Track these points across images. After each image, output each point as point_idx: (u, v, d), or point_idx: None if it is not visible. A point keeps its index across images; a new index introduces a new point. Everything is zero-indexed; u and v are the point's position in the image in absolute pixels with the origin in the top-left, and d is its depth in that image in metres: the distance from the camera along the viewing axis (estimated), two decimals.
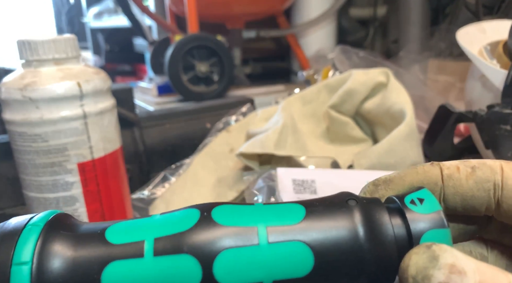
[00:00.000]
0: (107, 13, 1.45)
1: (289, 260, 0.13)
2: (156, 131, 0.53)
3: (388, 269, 0.14)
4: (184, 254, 0.13)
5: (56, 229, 0.14)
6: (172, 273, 0.13)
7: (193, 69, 0.88)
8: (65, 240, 0.14)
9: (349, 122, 0.50)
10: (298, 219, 0.14)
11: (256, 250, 0.13)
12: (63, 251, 0.14)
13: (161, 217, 0.15)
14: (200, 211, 0.14)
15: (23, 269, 0.13)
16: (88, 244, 0.14)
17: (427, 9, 0.96)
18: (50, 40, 0.33)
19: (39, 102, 0.32)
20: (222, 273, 0.13)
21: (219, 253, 0.13)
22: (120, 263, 0.13)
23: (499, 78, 0.41)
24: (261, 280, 0.14)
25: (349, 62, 0.68)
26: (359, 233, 0.14)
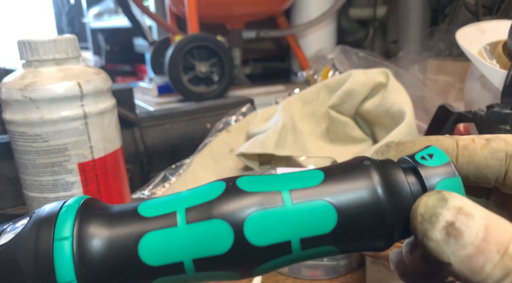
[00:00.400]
0: (107, 13, 1.45)
1: (313, 218, 0.14)
2: (156, 131, 0.53)
3: (406, 220, 0.14)
4: (216, 219, 0.14)
5: (91, 209, 0.15)
6: (205, 237, 0.14)
7: (193, 70, 0.88)
8: (100, 218, 0.15)
9: (348, 123, 0.51)
10: (318, 181, 0.15)
11: (282, 211, 0.14)
12: (100, 227, 0.14)
13: (189, 191, 0.16)
14: (225, 182, 0.15)
15: (65, 244, 0.14)
16: (122, 219, 0.15)
17: (427, 10, 0.96)
18: (51, 40, 0.33)
19: (39, 102, 0.32)
20: (253, 234, 0.14)
21: (248, 215, 0.14)
22: (155, 233, 0.14)
23: (498, 79, 0.42)
24: (289, 239, 0.14)
25: (349, 63, 0.68)
26: (376, 188, 0.14)
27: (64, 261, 0.13)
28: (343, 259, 0.39)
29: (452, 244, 0.13)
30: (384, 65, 0.64)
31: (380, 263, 0.33)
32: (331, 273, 0.40)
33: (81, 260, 0.14)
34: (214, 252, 0.14)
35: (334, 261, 0.39)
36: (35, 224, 0.14)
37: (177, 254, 0.14)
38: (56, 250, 0.14)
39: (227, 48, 0.92)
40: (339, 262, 0.39)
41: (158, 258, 0.14)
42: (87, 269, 0.14)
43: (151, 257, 0.14)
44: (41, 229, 0.14)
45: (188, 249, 0.14)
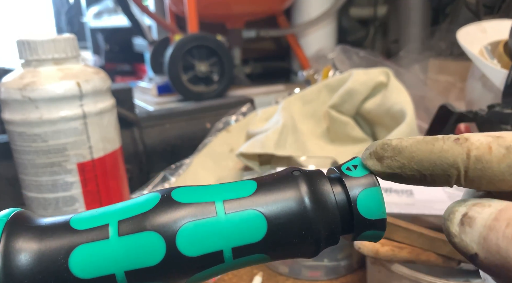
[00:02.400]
0: (106, 12, 1.45)
1: (244, 227, 0.15)
2: (156, 131, 0.53)
3: (333, 229, 0.15)
4: (148, 231, 0.14)
5: (20, 224, 0.15)
6: (138, 250, 0.14)
7: (193, 69, 0.88)
8: (29, 233, 0.15)
9: (349, 122, 0.50)
10: (251, 191, 0.15)
11: (215, 221, 0.15)
12: (28, 241, 0.14)
13: (123, 203, 0.16)
14: (160, 194, 0.16)
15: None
16: (53, 234, 0.15)
17: (428, 9, 0.96)
18: (50, 40, 0.33)
19: (38, 102, 0.32)
20: (185, 245, 0.14)
21: (181, 226, 0.14)
22: (86, 246, 0.14)
23: (499, 78, 0.41)
24: (221, 248, 0.15)
25: (349, 62, 0.68)
26: (304, 198, 0.15)
27: None
28: (344, 260, 0.39)
29: (469, 232, 0.13)
30: (384, 65, 0.64)
31: (380, 264, 0.33)
32: (332, 273, 0.39)
33: (7, 275, 0.14)
34: (146, 263, 0.14)
35: (334, 262, 0.39)
36: None
37: (109, 266, 0.14)
38: None
39: (227, 47, 0.91)
40: (340, 262, 0.39)
41: (90, 271, 0.14)
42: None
43: (82, 270, 0.14)
44: None
45: (120, 261, 0.14)
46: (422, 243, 0.31)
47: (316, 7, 1.07)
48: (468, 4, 0.75)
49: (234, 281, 0.40)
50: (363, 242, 0.32)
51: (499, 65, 0.44)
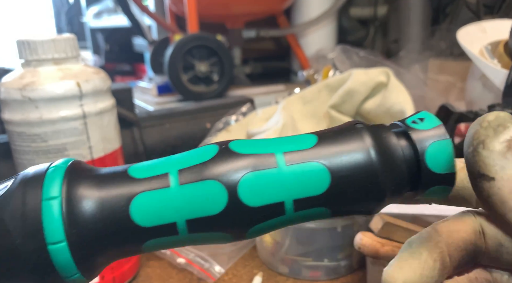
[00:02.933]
0: (106, 12, 1.45)
1: (306, 180, 0.15)
2: (156, 131, 0.53)
3: (399, 184, 0.15)
4: (210, 180, 0.14)
5: (79, 170, 0.15)
6: (199, 198, 0.14)
7: (193, 69, 0.88)
8: (89, 179, 0.15)
9: None
10: (312, 144, 0.15)
11: (276, 172, 0.14)
12: (89, 188, 0.14)
13: (180, 154, 0.15)
14: (218, 145, 0.15)
15: (53, 204, 0.13)
16: (112, 182, 0.14)
17: (428, 9, 0.96)
18: (50, 40, 0.33)
19: (38, 102, 0.32)
20: (247, 195, 0.14)
21: (243, 176, 0.14)
22: (147, 194, 0.14)
23: (499, 78, 0.41)
24: (283, 200, 0.14)
25: (350, 62, 0.68)
26: (369, 150, 0.15)
27: (53, 220, 0.13)
28: (344, 260, 0.39)
29: (508, 159, 0.12)
30: (385, 65, 0.64)
31: (381, 264, 0.33)
32: (332, 274, 0.39)
33: (71, 220, 0.13)
34: (208, 212, 0.14)
35: (334, 262, 0.39)
36: (21, 184, 0.14)
37: (170, 214, 0.14)
38: (44, 209, 0.13)
39: (227, 47, 0.91)
40: (340, 263, 0.39)
41: (151, 219, 0.14)
42: (77, 229, 0.14)
43: (143, 218, 0.14)
44: (28, 189, 0.14)
45: (182, 209, 0.14)
46: None
47: (316, 7, 1.07)
48: (468, 4, 0.75)
49: (234, 281, 0.40)
50: (363, 242, 0.32)
51: (499, 65, 0.44)
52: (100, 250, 0.14)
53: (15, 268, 0.13)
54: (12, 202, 0.13)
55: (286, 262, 0.40)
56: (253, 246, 0.44)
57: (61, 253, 0.13)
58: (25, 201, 0.13)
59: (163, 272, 0.42)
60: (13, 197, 0.14)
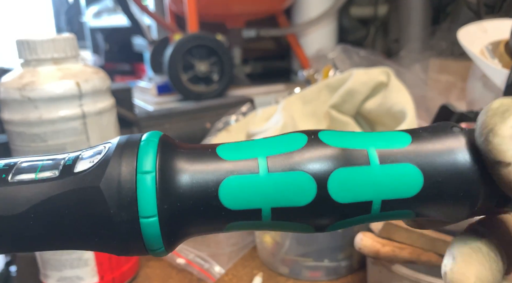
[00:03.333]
0: (106, 12, 1.45)
1: (398, 181, 0.14)
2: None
3: (491, 193, 0.14)
4: (299, 172, 0.14)
5: (170, 146, 0.15)
6: (287, 188, 0.14)
7: (192, 69, 0.88)
8: (181, 155, 0.15)
9: (349, 122, 0.50)
10: (406, 143, 0.15)
11: (368, 170, 0.14)
12: (181, 165, 0.14)
13: (268, 139, 0.15)
14: (306, 134, 0.15)
15: (148, 178, 0.14)
16: (202, 159, 0.15)
17: (428, 8, 0.96)
18: (49, 39, 0.33)
19: (37, 102, 0.32)
20: (336, 190, 0.14)
21: (333, 170, 0.14)
22: (237, 178, 0.14)
23: (500, 78, 0.41)
24: (371, 199, 0.14)
25: (350, 62, 0.68)
26: (465, 156, 0.14)
27: (147, 194, 0.13)
28: (344, 260, 0.39)
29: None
30: (385, 65, 0.64)
31: (381, 264, 0.33)
32: (332, 274, 0.39)
33: (163, 195, 0.14)
34: (294, 203, 0.14)
35: (335, 262, 0.39)
36: (116, 154, 0.14)
37: (257, 201, 0.14)
38: (139, 183, 0.13)
39: (227, 47, 0.91)
40: (340, 263, 0.39)
41: (237, 203, 0.14)
42: (169, 205, 0.14)
43: (230, 200, 0.14)
44: (124, 161, 0.14)
45: (269, 197, 0.14)
46: (423, 243, 0.31)
47: (316, 7, 1.07)
48: (469, 4, 0.75)
49: (234, 281, 0.40)
50: (364, 243, 0.31)
51: (500, 65, 0.44)
52: (186, 226, 0.14)
53: (105, 236, 0.14)
54: (108, 171, 0.14)
55: (286, 263, 0.39)
56: (253, 246, 0.44)
57: (152, 227, 0.13)
58: (120, 173, 0.14)
59: (162, 273, 0.42)
60: (109, 166, 0.14)
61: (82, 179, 0.14)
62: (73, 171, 0.14)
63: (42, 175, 0.14)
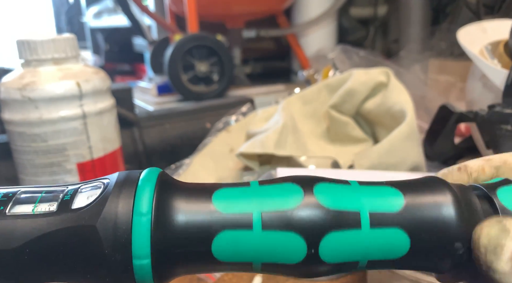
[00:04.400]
0: (106, 12, 1.45)
1: (386, 245, 0.15)
2: (156, 131, 0.53)
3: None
4: (292, 232, 0.14)
5: (168, 187, 0.15)
6: (278, 247, 0.15)
7: (193, 69, 0.88)
8: (177, 198, 0.15)
9: (349, 122, 0.50)
10: (398, 207, 0.15)
11: (358, 233, 0.15)
12: (176, 210, 0.15)
13: (263, 191, 0.15)
14: (302, 189, 0.15)
15: (144, 220, 0.14)
16: (198, 206, 0.15)
17: (428, 9, 0.96)
18: (50, 40, 0.33)
19: (38, 102, 0.32)
20: (327, 252, 0.15)
21: (326, 234, 0.14)
22: (230, 233, 0.14)
23: (500, 78, 0.41)
24: (358, 260, 0.15)
25: (350, 62, 0.68)
26: (453, 221, 0.15)
27: (142, 237, 0.14)
28: None
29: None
30: (385, 65, 0.64)
31: None
32: None
33: (157, 239, 0.14)
34: (285, 260, 0.15)
35: None
36: (114, 194, 0.14)
37: (248, 255, 0.15)
38: (135, 225, 0.14)
39: (227, 47, 0.91)
40: None
41: (230, 256, 0.15)
42: (162, 248, 0.14)
43: (223, 253, 0.14)
44: (121, 201, 0.14)
45: (260, 253, 0.15)
46: None
47: (316, 7, 1.07)
48: (468, 4, 0.75)
49: (234, 281, 0.40)
50: None
51: (499, 65, 0.44)
52: (177, 268, 0.15)
53: (99, 273, 0.14)
54: (105, 211, 0.14)
55: None
56: None
57: (144, 268, 0.14)
58: (117, 213, 0.14)
59: None
60: (106, 206, 0.14)
61: (79, 217, 0.14)
62: (71, 207, 0.14)
63: (39, 209, 0.14)
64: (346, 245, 0.14)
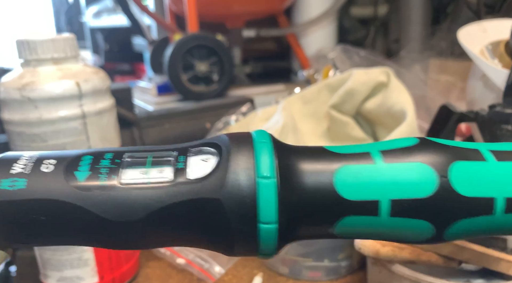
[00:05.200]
0: (106, 12, 1.45)
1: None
2: (156, 131, 0.53)
3: None
4: (417, 162, 0.14)
5: (281, 147, 0.14)
6: (405, 178, 0.14)
7: (192, 69, 0.88)
8: (295, 156, 0.14)
9: (349, 122, 0.50)
10: None
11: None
12: (297, 167, 0.14)
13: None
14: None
15: (270, 184, 0.13)
16: (315, 157, 0.14)
17: (428, 8, 0.96)
18: (49, 39, 0.33)
19: (37, 102, 0.32)
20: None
21: (452, 162, 0.14)
22: (351, 167, 0.14)
23: (500, 78, 0.41)
24: (495, 196, 0.14)
25: (350, 62, 0.68)
26: None
27: (268, 203, 0.13)
28: (344, 260, 0.39)
29: None
30: (385, 65, 0.64)
31: (381, 264, 0.33)
32: (332, 274, 0.39)
33: (284, 202, 0.13)
34: (414, 194, 0.13)
35: (335, 262, 0.39)
36: (233, 160, 0.13)
37: (375, 190, 0.14)
38: (261, 190, 0.13)
39: (227, 47, 0.91)
40: (340, 263, 0.39)
41: (354, 192, 0.14)
42: (288, 210, 0.13)
43: (347, 189, 0.14)
44: (242, 168, 0.13)
45: (386, 187, 0.14)
46: None
47: (316, 7, 1.07)
48: (468, 4, 0.75)
49: (234, 281, 0.40)
50: (363, 243, 0.31)
51: (500, 65, 0.44)
52: (300, 229, 0.14)
53: (221, 241, 0.14)
54: (228, 182, 0.13)
55: (286, 263, 0.39)
56: None
57: (270, 233, 0.13)
58: (240, 183, 0.13)
59: (162, 273, 0.42)
60: (228, 175, 0.13)
61: (200, 189, 0.13)
62: (188, 177, 0.14)
63: (153, 177, 0.13)
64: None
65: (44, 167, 0.13)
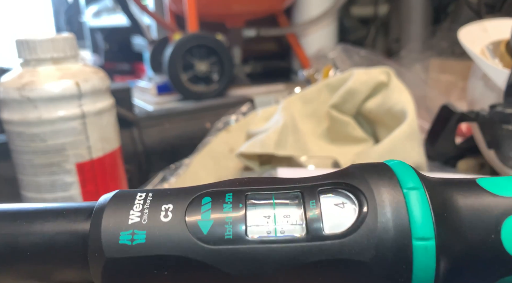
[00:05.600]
0: (105, 12, 1.45)
1: None
2: (155, 131, 0.53)
3: None
4: None
5: (435, 189, 0.12)
6: None
7: (192, 69, 0.88)
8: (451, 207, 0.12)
9: (350, 122, 0.50)
10: None
11: None
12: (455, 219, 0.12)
13: None
14: None
15: (427, 249, 0.11)
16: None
17: (429, 8, 0.96)
18: (49, 39, 0.32)
19: (37, 101, 0.32)
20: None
21: None
22: None
23: (501, 78, 0.41)
24: None
25: (350, 61, 0.67)
26: None
27: (425, 268, 0.11)
28: None
29: None
30: (386, 64, 0.63)
31: None
32: None
33: (439, 261, 0.12)
34: None
35: None
36: (382, 216, 0.11)
37: None
38: (416, 256, 0.11)
39: (227, 47, 0.91)
40: None
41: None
42: (444, 270, 0.12)
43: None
44: (392, 223, 0.11)
45: None
46: None
47: (316, 6, 1.07)
48: (469, 3, 0.75)
49: None
50: None
51: (500, 65, 0.44)
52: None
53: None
54: (375, 242, 0.11)
55: None
56: None
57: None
58: (391, 244, 0.11)
59: None
60: (374, 235, 0.12)
61: (342, 248, 0.11)
62: (325, 231, 0.12)
63: (283, 231, 0.12)
64: None
65: (162, 215, 0.12)
